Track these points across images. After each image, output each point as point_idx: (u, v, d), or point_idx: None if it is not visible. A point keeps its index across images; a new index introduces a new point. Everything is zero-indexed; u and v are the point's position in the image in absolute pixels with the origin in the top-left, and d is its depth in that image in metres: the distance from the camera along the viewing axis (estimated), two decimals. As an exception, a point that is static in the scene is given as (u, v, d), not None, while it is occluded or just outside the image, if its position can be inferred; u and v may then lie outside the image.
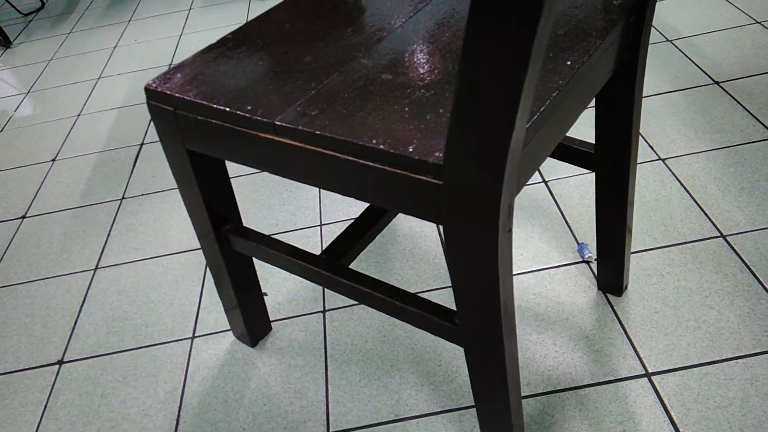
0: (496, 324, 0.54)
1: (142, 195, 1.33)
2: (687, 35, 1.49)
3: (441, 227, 1.09)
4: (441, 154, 0.47)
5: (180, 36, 2.02)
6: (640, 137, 1.21)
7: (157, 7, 2.28)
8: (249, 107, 0.58)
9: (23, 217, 1.33)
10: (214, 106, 0.60)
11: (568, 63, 0.53)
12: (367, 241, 0.83)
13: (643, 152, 1.18)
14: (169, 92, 0.63)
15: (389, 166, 0.49)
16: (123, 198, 1.33)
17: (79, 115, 1.68)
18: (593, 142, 0.83)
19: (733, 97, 1.26)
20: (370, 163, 0.50)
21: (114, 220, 1.27)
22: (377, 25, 0.68)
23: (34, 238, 1.27)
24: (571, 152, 0.78)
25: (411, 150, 0.48)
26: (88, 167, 1.46)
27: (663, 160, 1.15)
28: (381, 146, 0.49)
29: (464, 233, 0.49)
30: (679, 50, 1.44)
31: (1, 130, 1.68)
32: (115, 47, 2.04)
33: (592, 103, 1.27)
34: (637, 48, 0.63)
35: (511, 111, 0.39)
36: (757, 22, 1.48)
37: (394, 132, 0.50)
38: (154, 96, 0.65)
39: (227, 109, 0.58)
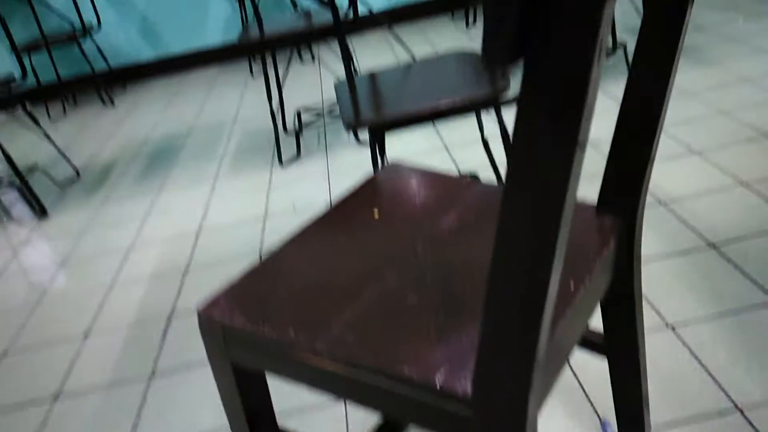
0: None
1: (171, 372, 1.38)
2: (678, 198, 1.61)
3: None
4: (468, 382, 0.53)
5: (207, 204, 2.17)
6: (647, 304, 1.27)
7: (186, 176, 2.47)
8: (291, 331, 0.65)
9: (54, 398, 1.37)
10: (259, 330, 0.67)
11: (571, 285, 0.61)
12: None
13: (650, 319, 1.23)
14: (218, 318, 0.71)
15: (419, 396, 0.55)
16: (152, 374, 1.38)
17: (111, 287, 1.77)
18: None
19: (730, 260, 1.34)
20: (402, 392, 0.56)
21: (143, 400, 1.31)
22: (403, 242, 0.77)
23: (65, 421, 1.30)
24: (584, 340, 0.84)
25: (439, 380, 0.54)
26: (119, 342, 1.52)
27: (672, 327, 1.20)
28: (412, 376, 0.56)
29: None
30: (674, 213, 1.54)
31: (37, 305, 1.76)
32: (146, 216, 2.19)
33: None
34: (631, 262, 0.71)
35: (533, 341, 0.46)
36: (742, 184, 1.60)
37: (423, 360, 0.57)
38: (204, 318, 0.73)
39: (272, 334, 0.66)
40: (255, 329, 0.68)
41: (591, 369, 1.14)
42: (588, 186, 1.70)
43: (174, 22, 4.00)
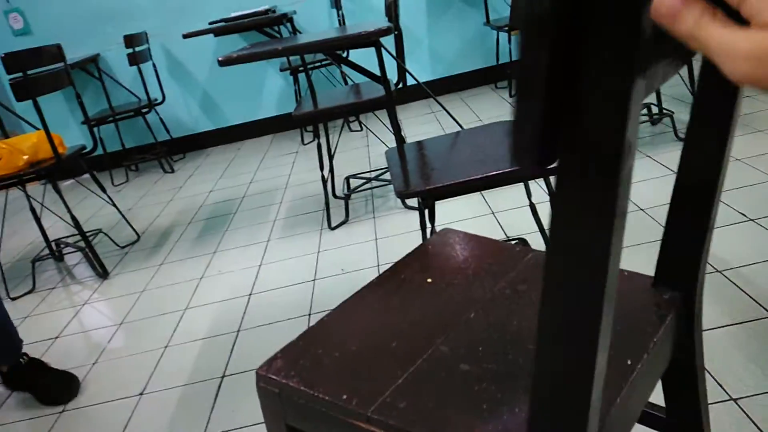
0: None
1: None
2: (735, 265, 1.57)
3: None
4: None
5: (260, 266, 2.24)
6: (707, 375, 1.23)
7: (239, 239, 2.57)
8: (344, 396, 0.67)
9: (110, 454, 1.41)
10: (314, 393, 0.69)
11: (629, 363, 0.62)
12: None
13: (712, 391, 1.19)
14: (275, 379, 0.74)
15: None
16: (204, 435, 1.40)
17: (166, 347, 1.83)
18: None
19: (793, 330, 1.29)
20: None
21: (195, 459, 1.33)
22: (454, 309, 0.79)
23: (119, 478, 1.32)
24: (644, 415, 0.83)
25: None
26: (173, 401, 1.55)
27: (735, 400, 1.15)
28: None
29: None
30: (731, 281, 1.51)
31: (95, 363, 1.83)
32: (201, 278, 2.26)
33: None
34: (692, 336, 0.71)
35: (583, 420, 0.47)
36: (803, 252, 1.56)
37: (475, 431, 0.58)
38: (262, 379, 0.76)
39: (326, 398, 0.68)
40: (310, 392, 0.70)
41: (650, 441, 1.10)
42: (645, 258, 1.69)
43: (232, 96, 4.26)
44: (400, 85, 2.35)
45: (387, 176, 2.87)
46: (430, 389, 0.65)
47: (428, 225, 1.50)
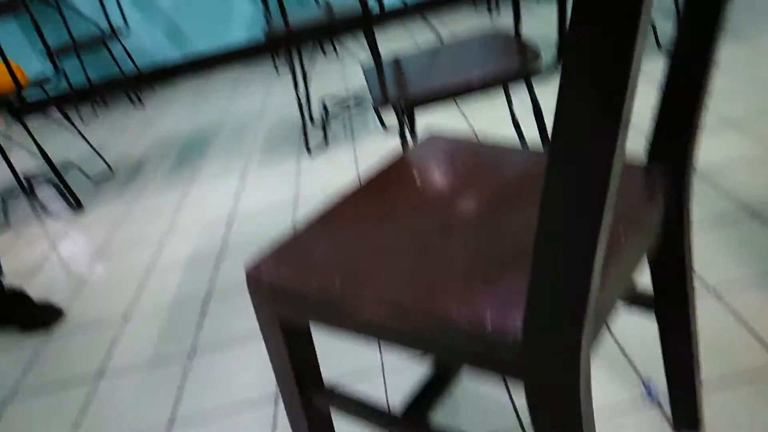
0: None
1: (210, 350, 1.40)
2: (717, 168, 1.58)
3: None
4: (518, 323, 0.53)
5: (238, 193, 2.20)
6: (687, 270, 1.25)
7: (216, 168, 2.51)
8: (338, 282, 0.66)
9: (99, 377, 1.41)
10: (307, 282, 0.68)
11: (621, 235, 0.61)
12: (442, 396, 0.87)
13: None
14: (265, 275, 0.72)
15: (469, 339, 0.56)
16: (193, 352, 1.40)
17: (148, 273, 1.81)
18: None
19: (771, 226, 1.31)
20: (451, 334, 0.57)
21: (184, 377, 1.33)
22: (448, 205, 0.77)
23: (109, 398, 1.33)
24: (631, 295, 0.83)
25: (489, 319, 0.54)
26: (158, 324, 1.55)
27: (715, 291, 1.18)
28: (461, 318, 0.56)
29: (548, 387, 0.53)
30: (713, 183, 1.52)
31: (76, 292, 1.81)
32: (179, 208, 2.22)
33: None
34: (681, 216, 0.71)
35: (587, 280, 0.46)
36: (781, 153, 1.57)
37: (472, 302, 0.57)
38: (253, 277, 0.74)
39: (320, 286, 0.66)
40: (302, 283, 0.68)
41: (630, 332, 1.13)
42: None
43: (198, 21, 4.07)
44: (378, 6, 2.26)
45: (365, 95, 2.80)
46: (426, 271, 0.64)
47: (409, 137, 1.47)
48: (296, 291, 0.69)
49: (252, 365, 1.31)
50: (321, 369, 0.84)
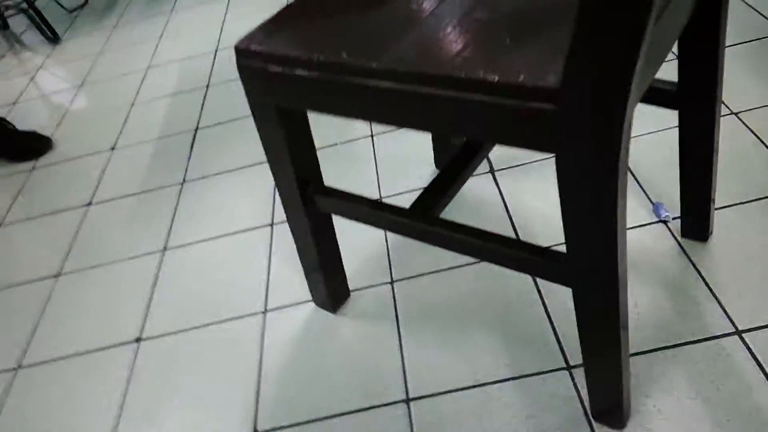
0: (611, 253, 0.52)
1: (202, 178, 1.35)
2: (751, -15, 1.42)
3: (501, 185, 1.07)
4: (554, 79, 0.45)
5: (223, 22, 2.03)
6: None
7: (198, -5, 2.30)
8: (344, 54, 0.56)
9: (88, 204, 1.37)
10: (308, 56, 0.58)
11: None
12: (448, 198, 0.82)
13: (713, 107, 1.13)
14: (259, 49, 0.62)
15: (500, 97, 0.48)
16: (184, 182, 1.35)
17: (132, 105, 1.71)
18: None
19: (807, 45, 1.20)
20: (479, 98, 0.49)
21: (177, 203, 1.29)
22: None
23: (100, 224, 1.30)
24: (652, 91, 0.76)
25: (522, 78, 0.46)
26: (147, 154, 1.49)
27: (736, 114, 1.10)
28: (489, 77, 0.48)
29: (584, 156, 0.47)
30: (743, 1, 1.37)
31: (59, 124, 1.72)
32: (160, 37, 2.06)
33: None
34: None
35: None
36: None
37: (499, 63, 0.49)
38: (244, 55, 0.64)
39: (324, 60, 0.57)
40: (303, 58, 0.59)
41: (646, 157, 1.07)
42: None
43: None
44: None
45: None
46: (441, 38, 0.55)
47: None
48: (294, 70, 0.60)
49: (245, 193, 1.27)
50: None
